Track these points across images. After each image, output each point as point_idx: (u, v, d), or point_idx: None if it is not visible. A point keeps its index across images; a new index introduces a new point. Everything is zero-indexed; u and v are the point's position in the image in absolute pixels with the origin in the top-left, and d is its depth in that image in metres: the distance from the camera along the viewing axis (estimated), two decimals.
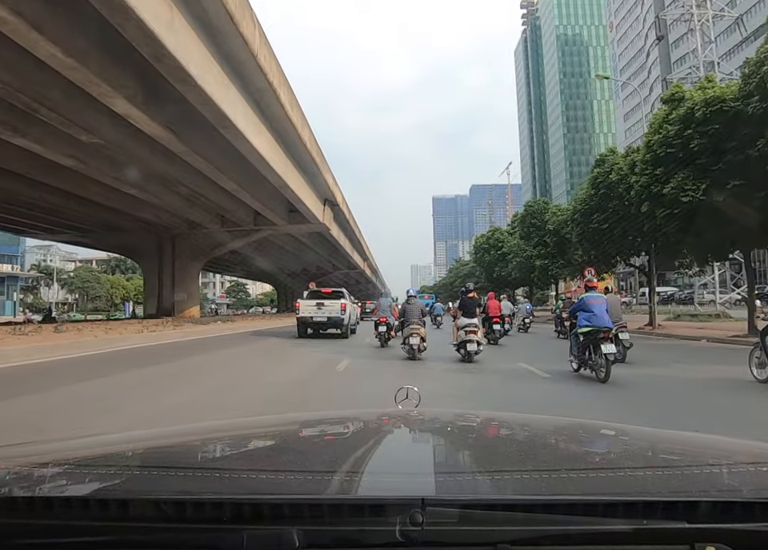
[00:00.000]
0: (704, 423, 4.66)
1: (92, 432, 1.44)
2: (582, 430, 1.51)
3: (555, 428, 1.53)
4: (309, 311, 17.45)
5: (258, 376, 8.47)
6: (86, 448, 1.24)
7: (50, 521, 0.75)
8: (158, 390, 6.83)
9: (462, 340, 10.29)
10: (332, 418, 1.75)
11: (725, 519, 0.72)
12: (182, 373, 8.66)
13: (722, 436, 1.38)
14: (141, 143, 17.10)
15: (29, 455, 1.14)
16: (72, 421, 4.91)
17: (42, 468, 0.99)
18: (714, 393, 6.65)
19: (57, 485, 0.90)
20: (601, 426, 1.65)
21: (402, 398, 1.61)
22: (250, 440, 1.36)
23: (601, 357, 7.44)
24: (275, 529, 0.70)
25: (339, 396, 6.70)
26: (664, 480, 0.92)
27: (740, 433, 1.40)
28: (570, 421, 1.80)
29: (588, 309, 7.87)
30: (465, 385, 7.56)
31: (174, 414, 5.33)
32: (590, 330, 7.72)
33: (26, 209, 24.61)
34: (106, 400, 6.02)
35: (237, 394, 6.66)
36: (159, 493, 0.80)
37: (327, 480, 0.90)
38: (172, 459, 1.13)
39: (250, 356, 12.08)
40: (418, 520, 0.69)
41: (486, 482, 0.94)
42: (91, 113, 14.67)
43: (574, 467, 1.00)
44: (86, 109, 14.42)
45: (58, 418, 5.02)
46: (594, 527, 0.71)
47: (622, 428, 1.58)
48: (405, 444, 1.31)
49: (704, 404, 5.95)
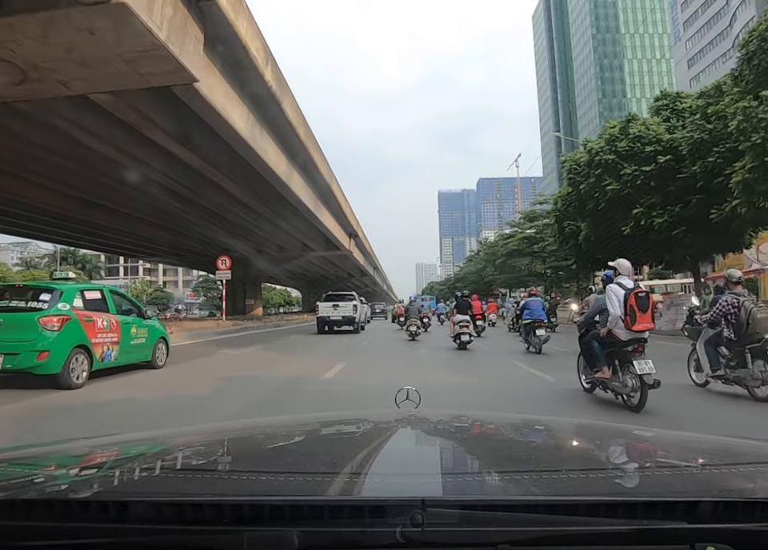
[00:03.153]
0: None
1: (98, 434, 1.37)
2: (582, 431, 1.52)
3: (555, 429, 1.55)
4: (326, 311, 20.94)
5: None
6: (86, 450, 1.26)
7: (50, 523, 0.75)
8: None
9: (457, 333, 12.82)
10: (332, 419, 1.76)
11: (725, 519, 0.72)
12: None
13: (722, 436, 1.42)
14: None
15: (29, 457, 1.17)
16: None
17: (43, 470, 1.03)
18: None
19: (57, 487, 0.92)
20: (601, 427, 1.69)
21: (402, 399, 1.61)
22: (250, 442, 1.37)
23: (537, 337, 11.56)
24: (275, 531, 0.71)
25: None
26: (664, 481, 0.92)
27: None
28: (570, 422, 1.89)
29: (529, 308, 12.27)
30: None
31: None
32: (530, 321, 11.93)
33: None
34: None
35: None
36: (159, 495, 0.81)
37: (327, 481, 0.90)
38: (172, 461, 1.16)
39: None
40: (418, 521, 0.69)
41: (487, 483, 0.95)
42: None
43: (574, 467, 1.00)
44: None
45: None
46: (595, 527, 0.72)
47: (622, 429, 1.68)
48: (405, 446, 1.30)
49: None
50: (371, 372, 9.21)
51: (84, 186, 20.53)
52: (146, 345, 9.00)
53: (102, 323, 7.80)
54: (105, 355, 7.82)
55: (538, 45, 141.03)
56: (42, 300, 7.22)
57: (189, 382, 8.19)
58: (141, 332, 8.83)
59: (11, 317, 7.05)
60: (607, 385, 5.88)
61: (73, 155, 16.41)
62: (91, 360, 7.47)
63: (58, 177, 18.95)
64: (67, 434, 4.25)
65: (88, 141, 15.05)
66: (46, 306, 7.15)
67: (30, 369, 6.84)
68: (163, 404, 6.22)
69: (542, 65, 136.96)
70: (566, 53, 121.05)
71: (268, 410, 5.79)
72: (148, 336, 9.07)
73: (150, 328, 9.24)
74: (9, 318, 7.02)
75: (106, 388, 7.31)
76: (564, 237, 24.69)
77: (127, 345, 8.38)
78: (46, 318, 7.02)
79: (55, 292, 7.37)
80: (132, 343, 8.54)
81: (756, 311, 6.08)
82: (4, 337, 6.84)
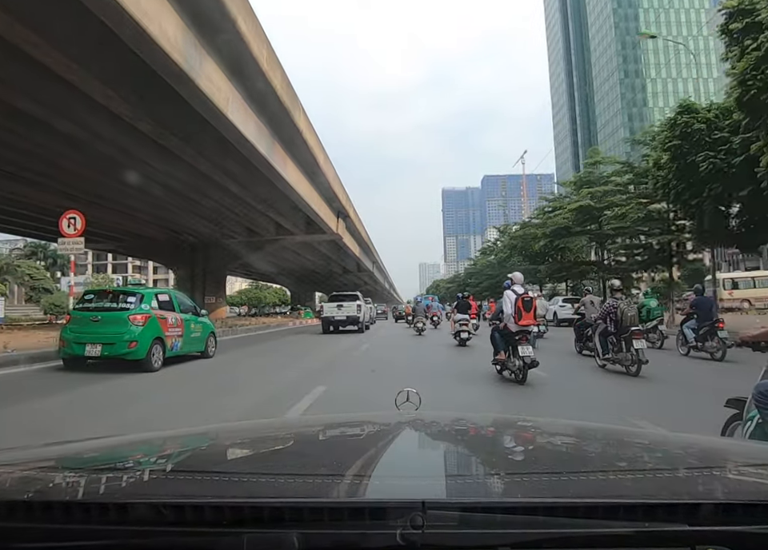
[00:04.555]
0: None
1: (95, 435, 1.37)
2: (582, 433, 1.51)
3: (556, 431, 1.55)
4: (331, 311, 21.18)
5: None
6: (86, 452, 1.26)
7: (49, 525, 0.75)
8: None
9: (457, 330, 13.94)
10: (332, 421, 1.77)
11: (726, 521, 0.72)
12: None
13: (722, 437, 1.48)
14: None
15: (29, 458, 1.16)
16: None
17: (43, 471, 1.01)
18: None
19: (57, 489, 0.91)
20: (601, 429, 1.67)
21: (402, 401, 1.60)
22: (250, 444, 1.38)
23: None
24: (275, 533, 0.71)
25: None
26: (665, 483, 0.92)
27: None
28: (570, 424, 1.88)
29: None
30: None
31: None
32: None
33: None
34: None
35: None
36: (159, 497, 0.81)
37: (327, 483, 0.90)
38: (171, 462, 1.18)
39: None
40: (418, 523, 0.69)
41: (487, 485, 0.96)
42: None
43: (574, 469, 1.00)
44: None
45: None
46: (595, 530, 0.72)
47: (622, 430, 1.68)
48: (405, 447, 1.31)
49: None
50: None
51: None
52: (200, 338, 10.95)
53: (171, 320, 9.75)
54: (173, 345, 9.75)
55: (551, 26, 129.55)
56: (129, 302, 9.20)
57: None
58: (197, 327, 10.78)
59: (107, 315, 9.04)
60: (505, 365, 7.62)
61: None
62: (164, 349, 9.40)
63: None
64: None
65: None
66: (132, 306, 9.13)
67: (123, 356, 8.77)
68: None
69: (555, 48, 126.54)
70: (582, 32, 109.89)
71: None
72: (202, 330, 11.03)
73: (204, 324, 11.19)
74: (105, 316, 9.02)
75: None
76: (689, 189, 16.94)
77: (188, 338, 10.32)
78: (134, 316, 8.98)
79: (138, 296, 9.38)
80: (191, 336, 10.49)
81: (627, 310, 8.29)
82: (102, 331, 8.82)
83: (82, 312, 9.30)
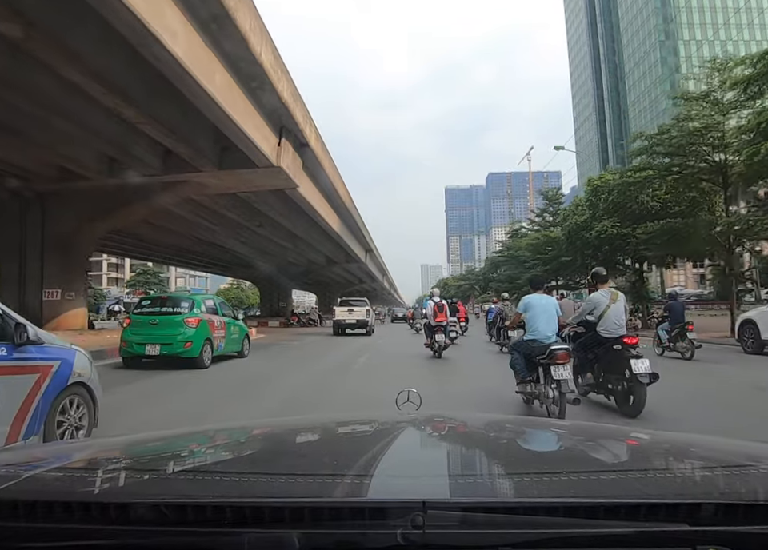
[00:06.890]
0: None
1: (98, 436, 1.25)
2: (582, 433, 1.53)
3: (556, 432, 1.56)
4: (342, 315, 23.00)
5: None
6: (88, 452, 1.27)
7: (51, 525, 0.76)
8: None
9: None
10: (333, 422, 1.79)
11: (726, 521, 0.73)
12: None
13: (722, 438, 1.44)
14: None
15: (30, 459, 1.17)
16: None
17: (44, 471, 1.02)
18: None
19: (58, 489, 0.91)
20: (601, 429, 1.67)
21: (403, 401, 1.62)
22: (251, 444, 1.40)
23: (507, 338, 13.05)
24: (276, 532, 0.72)
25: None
26: (665, 483, 0.93)
27: None
28: (570, 424, 1.92)
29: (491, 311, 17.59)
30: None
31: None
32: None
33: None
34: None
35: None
36: (160, 497, 0.82)
37: (328, 483, 0.91)
38: (173, 462, 1.18)
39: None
40: (419, 523, 0.70)
41: (488, 485, 0.97)
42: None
43: (574, 470, 1.00)
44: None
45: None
46: (596, 529, 0.72)
47: (622, 431, 1.70)
48: (406, 448, 1.31)
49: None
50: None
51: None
52: (238, 340, 12.32)
53: (217, 323, 11.12)
54: (218, 346, 11.09)
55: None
56: (183, 307, 10.57)
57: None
58: (235, 329, 12.15)
59: (164, 318, 10.39)
60: (432, 346, 11.80)
61: None
62: (212, 348, 10.75)
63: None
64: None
65: None
66: (186, 311, 10.50)
67: (179, 354, 10.09)
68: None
69: (577, 18, 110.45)
70: (610, 5, 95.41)
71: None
72: (239, 332, 12.42)
73: (240, 326, 12.59)
74: (162, 319, 10.38)
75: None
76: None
77: (229, 339, 11.68)
78: (188, 319, 10.34)
79: (191, 301, 10.78)
80: (231, 337, 11.85)
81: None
82: (160, 332, 10.17)
83: (141, 315, 10.67)
